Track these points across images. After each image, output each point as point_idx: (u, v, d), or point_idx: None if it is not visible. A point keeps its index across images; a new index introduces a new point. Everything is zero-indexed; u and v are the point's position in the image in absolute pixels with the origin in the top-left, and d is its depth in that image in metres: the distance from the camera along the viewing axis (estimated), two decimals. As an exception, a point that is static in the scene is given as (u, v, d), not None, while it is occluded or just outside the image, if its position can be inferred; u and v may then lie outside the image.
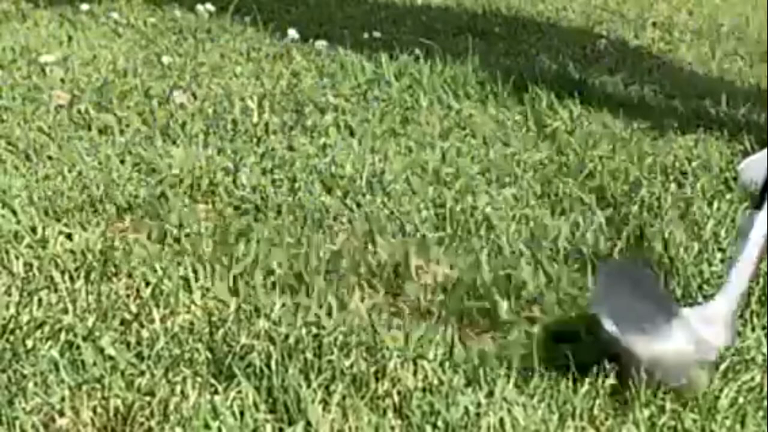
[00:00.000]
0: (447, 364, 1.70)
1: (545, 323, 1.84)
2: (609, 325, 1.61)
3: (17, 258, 2.06)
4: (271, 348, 1.73)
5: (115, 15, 4.16)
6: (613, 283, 1.73)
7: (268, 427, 1.56)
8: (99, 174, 2.48)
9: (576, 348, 1.74)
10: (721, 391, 1.64)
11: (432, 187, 2.44)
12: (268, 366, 1.67)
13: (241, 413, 1.58)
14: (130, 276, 2.01)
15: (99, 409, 1.59)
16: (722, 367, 1.70)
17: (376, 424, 1.56)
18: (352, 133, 2.84)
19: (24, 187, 2.39)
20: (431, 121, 2.96)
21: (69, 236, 2.17)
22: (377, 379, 1.66)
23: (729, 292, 1.74)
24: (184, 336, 1.78)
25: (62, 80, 3.25)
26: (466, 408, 1.57)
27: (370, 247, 2.12)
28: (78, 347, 1.73)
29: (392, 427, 1.57)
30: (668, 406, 1.61)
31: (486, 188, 2.45)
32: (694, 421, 1.58)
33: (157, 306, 1.88)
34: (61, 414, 1.59)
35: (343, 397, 1.61)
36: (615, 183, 2.49)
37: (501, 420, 1.55)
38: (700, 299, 1.91)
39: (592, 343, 1.72)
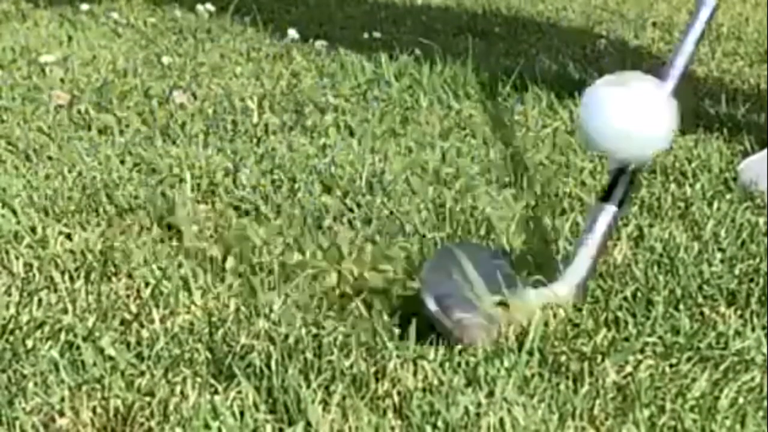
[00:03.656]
0: (447, 364, 1.70)
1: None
2: (431, 305, 1.74)
3: (17, 258, 2.06)
4: (271, 348, 1.73)
5: (115, 15, 4.16)
6: (447, 263, 1.84)
7: (268, 427, 1.56)
8: (99, 174, 2.48)
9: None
10: (721, 391, 1.64)
11: (432, 187, 2.44)
12: (268, 366, 1.67)
13: (241, 413, 1.58)
14: (130, 276, 2.01)
15: (99, 410, 1.59)
16: (722, 367, 1.70)
17: (376, 425, 1.56)
18: (351, 134, 2.84)
19: (24, 187, 2.39)
20: (431, 121, 2.96)
21: (69, 236, 2.17)
22: (377, 380, 1.67)
23: (568, 279, 1.86)
24: (184, 336, 1.78)
25: (62, 80, 3.26)
26: (466, 408, 1.57)
27: (371, 246, 2.12)
28: (78, 347, 1.73)
29: (392, 428, 1.57)
30: (668, 406, 1.61)
31: (486, 188, 2.45)
32: (694, 421, 1.58)
33: (157, 306, 1.88)
34: (61, 414, 1.59)
35: (343, 398, 1.61)
36: (615, 183, 2.48)
37: (501, 420, 1.55)
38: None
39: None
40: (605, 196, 1.89)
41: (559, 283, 1.86)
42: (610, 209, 1.87)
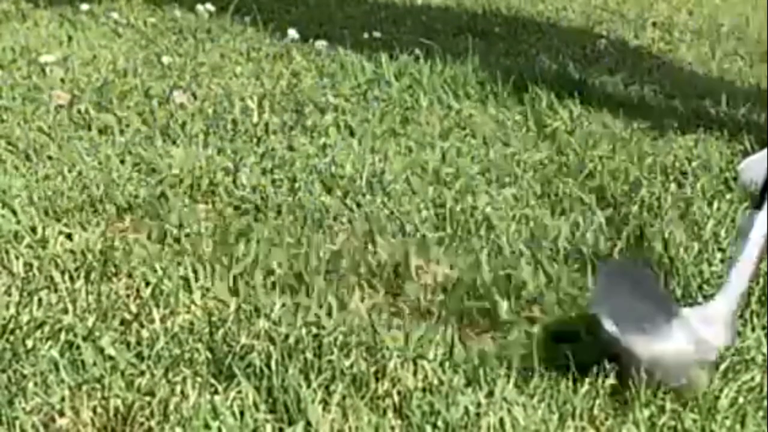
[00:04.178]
0: (447, 364, 1.70)
1: (545, 323, 1.85)
2: (609, 325, 1.61)
3: (17, 258, 2.06)
4: (271, 348, 1.73)
5: (115, 15, 4.16)
6: (612, 283, 1.74)
7: (268, 427, 1.56)
8: (99, 174, 2.48)
9: (576, 348, 1.74)
10: (721, 391, 1.64)
11: (432, 187, 2.44)
12: (268, 366, 1.67)
13: (241, 413, 1.58)
14: (130, 276, 2.01)
15: (99, 409, 1.59)
16: (722, 367, 1.70)
17: (376, 424, 1.56)
18: (352, 133, 2.84)
19: (24, 187, 2.39)
20: (431, 121, 2.96)
21: (69, 236, 2.17)
22: (377, 379, 1.67)
23: (729, 292, 1.74)
24: (184, 336, 1.78)
25: (62, 80, 3.25)
26: (466, 408, 1.58)
27: (370, 247, 2.12)
28: (78, 347, 1.73)
29: (392, 427, 1.57)
30: (668, 406, 1.61)
31: (486, 188, 2.45)
32: (694, 421, 1.58)
33: (157, 306, 1.88)
34: (61, 414, 1.59)
35: (343, 397, 1.61)
36: (615, 183, 2.49)
37: (501, 420, 1.55)
38: (700, 299, 1.91)
39: (592, 343, 1.72)
40: (758, 204, 1.78)
41: (719, 300, 1.74)
42: (764, 216, 1.77)
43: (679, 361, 1.65)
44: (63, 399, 1.61)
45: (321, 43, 3.74)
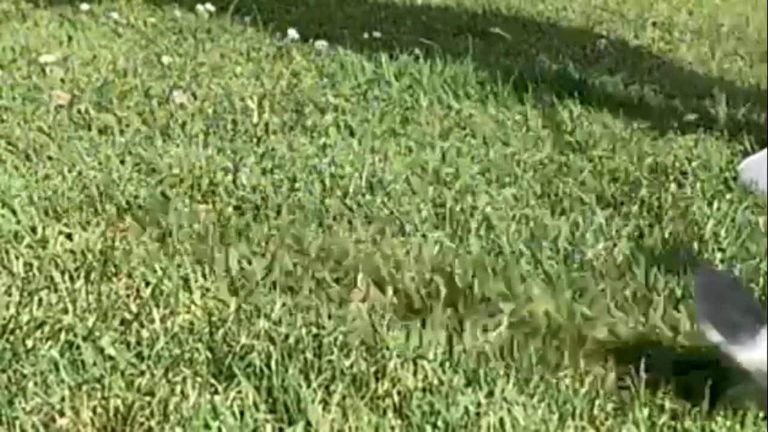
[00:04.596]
0: (447, 364, 1.70)
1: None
2: (715, 336, 1.60)
3: (17, 258, 2.06)
4: (271, 348, 1.73)
5: (115, 15, 4.16)
6: (711, 293, 1.72)
7: (268, 427, 1.56)
8: (99, 174, 2.48)
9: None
10: (721, 391, 1.64)
11: (432, 187, 2.44)
12: (268, 366, 1.67)
13: (241, 413, 1.58)
14: (130, 276, 2.01)
15: (99, 409, 1.59)
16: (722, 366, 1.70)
17: (376, 424, 1.56)
18: (352, 133, 2.84)
19: (24, 187, 2.39)
20: (431, 121, 2.96)
21: (69, 236, 2.17)
22: (377, 379, 1.67)
23: None
24: (184, 336, 1.78)
25: (62, 80, 3.26)
26: (466, 408, 1.58)
27: (370, 247, 2.12)
28: (78, 347, 1.73)
29: (392, 427, 1.57)
30: (668, 405, 1.61)
31: (486, 188, 2.45)
32: (694, 420, 1.58)
33: (157, 306, 1.88)
34: (61, 414, 1.59)
35: (343, 397, 1.61)
36: (615, 183, 2.49)
37: (501, 420, 1.55)
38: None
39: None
40: None
41: None
42: None
43: None
44: (63, 399, 1.61)
45: (321, 43, 3.74)
